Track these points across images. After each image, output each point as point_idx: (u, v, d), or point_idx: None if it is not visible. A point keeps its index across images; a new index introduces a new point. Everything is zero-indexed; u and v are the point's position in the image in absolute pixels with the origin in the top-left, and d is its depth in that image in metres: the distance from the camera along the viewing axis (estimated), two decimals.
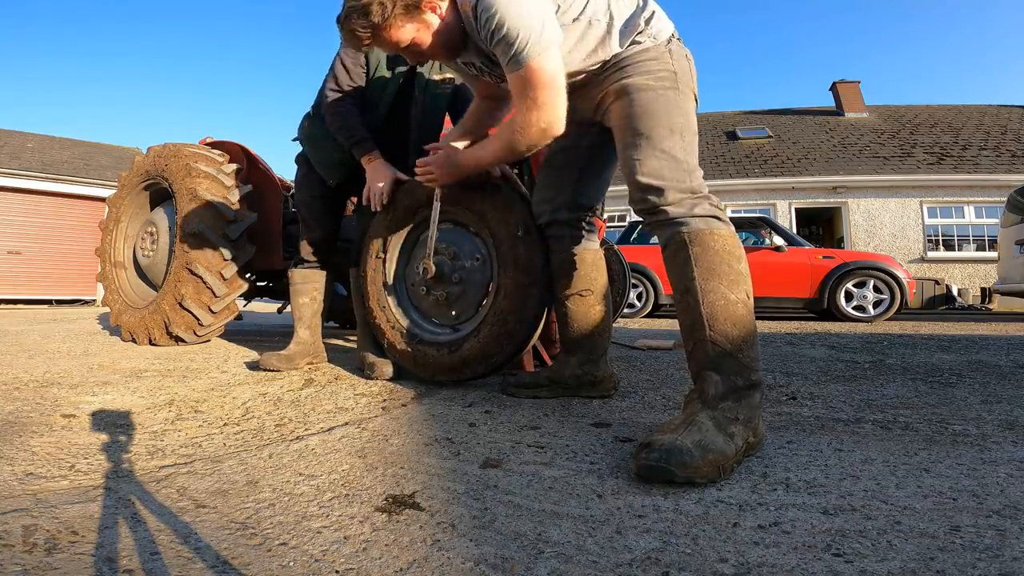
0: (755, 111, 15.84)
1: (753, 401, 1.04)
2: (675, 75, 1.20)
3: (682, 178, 1.14)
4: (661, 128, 1.16)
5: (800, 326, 4.35)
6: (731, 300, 1.08)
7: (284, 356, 2.03)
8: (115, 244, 3.17)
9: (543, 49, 1.09)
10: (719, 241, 1.11)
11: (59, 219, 11.52)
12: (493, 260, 1.64)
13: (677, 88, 1.19)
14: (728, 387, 1.03)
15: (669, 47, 1.22)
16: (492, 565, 0.66)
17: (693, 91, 1.24)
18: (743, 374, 1.05)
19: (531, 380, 1.59)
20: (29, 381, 1.85)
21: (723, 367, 1.05)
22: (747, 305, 1.10)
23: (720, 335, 1.06)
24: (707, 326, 1.07)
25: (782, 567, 0.64)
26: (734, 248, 1.13)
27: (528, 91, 1.14)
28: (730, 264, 1.10)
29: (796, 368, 2.06)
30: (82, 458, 1.09)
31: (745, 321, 1.08)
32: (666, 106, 1.17)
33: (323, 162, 1.98)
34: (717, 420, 0.99)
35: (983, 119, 13.18)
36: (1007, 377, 1.83)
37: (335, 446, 1.17)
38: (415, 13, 1.17)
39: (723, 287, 1.08)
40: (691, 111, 1.22)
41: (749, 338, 1.07)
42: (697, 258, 1.11)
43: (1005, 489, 0.86)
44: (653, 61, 1.20)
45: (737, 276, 1.10)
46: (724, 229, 1.13)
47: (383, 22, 1.16)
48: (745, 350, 1.06)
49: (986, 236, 10.86)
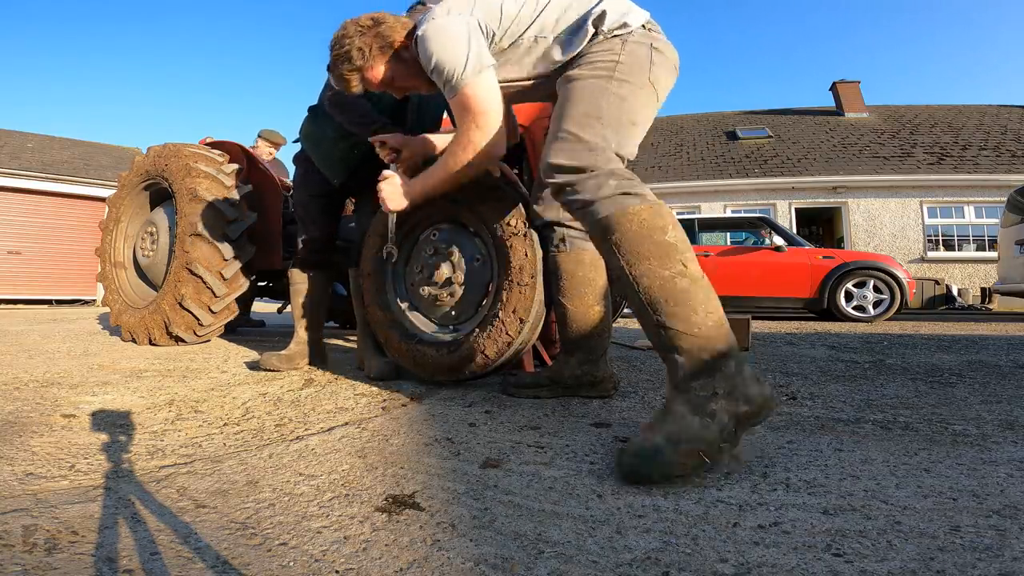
0: (755, 111, 15.84)
1: (728, 370, 0.97)
2: (615, 64, 1.18)
3: (585, 159, 1.10)
4: (576, 113, 1.15)
5: (800, 326, 4.35)
6: (666, 277, 1.01)
7: (284, 356, 2.04)
8: (115, 244, 3.18)
9: (472, 76, 1.19)
10: (634, 220, 1.05)
11: (59, 219, 11.52)
12: (493, 260, 1.64)
13: (612, 76, 1.17)
14: (695, 365, 0.98)
15: (627, 38, 1.21)
16: (492, 565, 0.66)
17: (649, 80, 1.20)
18: (707, 347, 0.98)
19: (531, 380, 1.59)
20: (29, 381, 1.85)
21: (682, 347, 0.99)
22: (686, 274, 1.02)
23: (667, 316, 1.00)
24: (651, 311, 1.02)
25: (782, 567, 0.64)
26: (654, 220, 1.05)
27: (465, 115, 1.25)
28: (653, 239, 1.04)
29: (796, 368, 2.06)
30: (82, 458, 1.09)
31: (688, 293, 1.01)
32: (590, 93, 1.16)
33: (325, 161, 1.97)
34: (692, 402, 0.95)
35: (983, 119, 13.18)
36: (1007, 377, 1.83)
37: (335, 446, 1.17)
38: (389, 52, 1.35)
39: (654, 266, 1.02)
40: (631, 97, 1.18)
41: (700, 307, 1.00)
42: (618, 245, 1.05)
43: (1005, 489, 0.86)
44: (598, 53, 1.20)
45: (666, 249, 1.03)
46: (636, 205, 1.06)
47: (364, 64, 1.34)
48: (698, 321, 0.99)
49: (986, 236, 10.86)
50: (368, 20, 1.35)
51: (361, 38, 1.32)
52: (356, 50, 1.32)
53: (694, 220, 6.71)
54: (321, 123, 1.93)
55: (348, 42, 1.32)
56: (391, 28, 1.34)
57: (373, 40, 1.33)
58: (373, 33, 1.33)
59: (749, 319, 2.66)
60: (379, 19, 1.36)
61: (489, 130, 1.25)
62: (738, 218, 8.85)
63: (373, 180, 1.99)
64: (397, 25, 1.35)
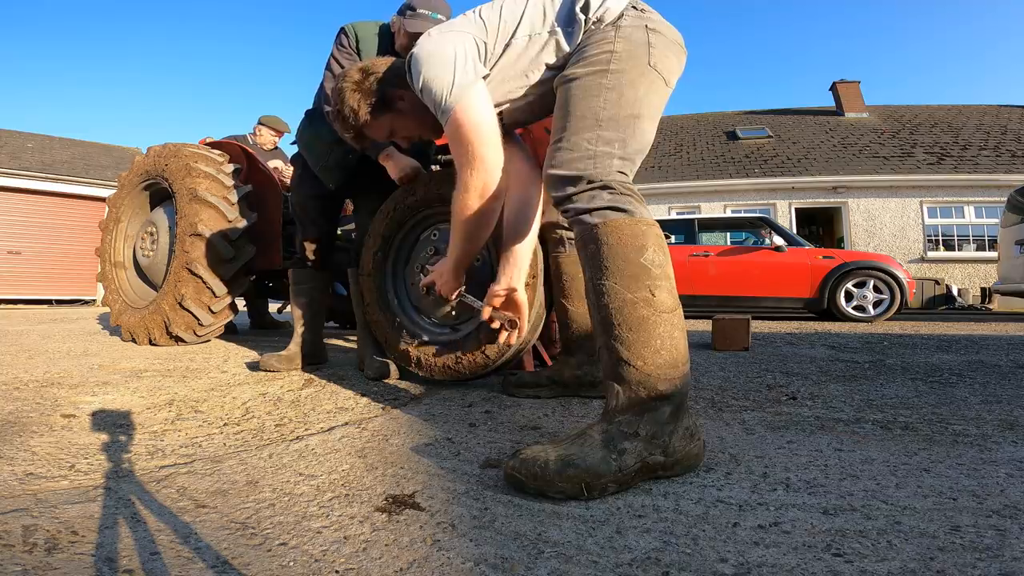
0: (755, 111, 15.84)
1: (660, 416, 0.92)
2: (610, 55, 1.09)
3: (583, 168, 1.04)
4: (573, 118, 1.08)
5: (800, 326, 4.35)
6: (627, 300, 0.95)
7: (284, 356, 2.03)
8: (115, 244, 3.17)
9: (463, 92, 1.08)
10: (613, 234, 0.98)
11: (59, 219, 11.52)
12: (493, 260, 1.64)
13: (607, 70, 1.08)
14: (628, 399, 0.93)
15: (618, 23, 1.12)
16: (492, 565, 0.66)
17: (649, 64, 1.11)
18: (647, 385, 0.92)
19: (531, 380, 1.59)
20: (29, 381, 1.85)
21: (624, 376, 0.94)
22: (651, 303, 0.95)
23: (619, 341, 0.95)
24: (604, 331, 0.97)
25: (782, 567, 0.64)
26: (632, 237, 0.98)
27: (458, 147, 1.11)
28: (627, 258, 0.97)
29: (796, 368, 2.06)
30: (82, 458, 1.09)
31: (646, 323, 0.94)
32: (585, 93, 1.09)
33: (320, 166, 1.97)
34: (609, 434, 0.91)
35: (983, 119, 13.18)
36: (1007, 377, 1.83)
37: (335, 446, 1.17)
38: (383, 108, 1.26)
39: (619, 285, 0.96)
40: (630, 87, 1.09)
41: (654, 341, 0.94)
42: (592, 256, 1.00)
43: (1005, 489, 0.86)
44: (591, 46, 1.11)
45: (637, 270, 0.96)
46: (621, 219, 1.00)
47: (358, 123, 1.26)
48: (646, 355, 0.93)
49: (986, 236, 10.86)
50: (357, 74, 1.26)
51: (352, 95, 1.24)
52: (349, 109, 1.25)
53: (694, 220, 6.70)
54: (317, 127, 1.92)
55: (342, 99, 1.25)
56: (380, 80, 1.25)
57: (363, 97, 1.24)
58: (363, 89, 1.24)
59: (749, 319, 2.66)
60: (368, 69, 1.26)
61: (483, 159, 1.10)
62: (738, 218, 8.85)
63: (370, 182, 1.99)
64: (389, 74, 1.25)
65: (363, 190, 2.06)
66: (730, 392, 1.66)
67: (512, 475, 0.90)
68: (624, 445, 0.90)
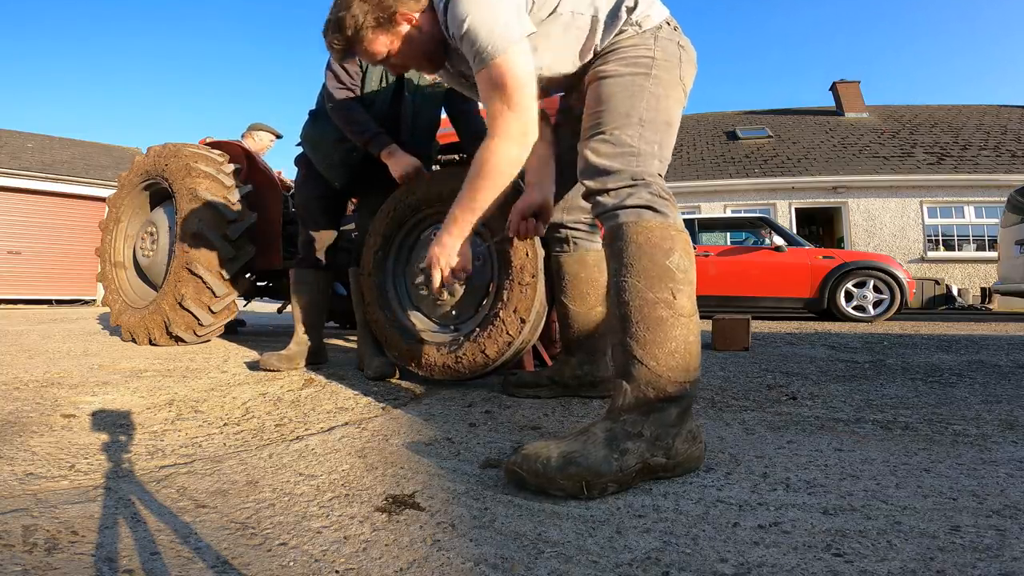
0: (755, 111, 15.83)
1: (666, 418, 0.93)
2: (652, 60, 1.12)
3: (627, 163, 1.05)
4: (617, 113, 1.09)
5: (800, 326, 4.34)
6: (648, 300, 0.96)
7: (284, 356, 2.03)
8: (115, 244, 3.17)
9: (509, 43, 1.01)
10: (643, 233, 0.99)
11: (59, 219, 11.51)
12: (494, 259, 1.64)
13: (649, 74, 1.12)
14: (636, 398, 0.94)
15: (657, 33, 1.15)
16: (492, 565, 0.66)
17: (679, 78, 1.15)
18: (656, 385, 0.93)
19: (531, 380, 1.59)
20: (29, 381, 1.84)
21: (635, 376, 0.95)
22: (672, 305, 0.96)
23: (634, 339, 0.96)
24: (622, 328, 0.98)
25: (782, 567, 0.64)
26: (662, 240, 0.99)
27: (496, 92, 1.05)
28: (653, 258, 0.98)
29: (796, 368, 2.06)
30: (82, 458, 1.09)
31: (664, 324, 0.95)
32: (629, 91, 1.10)
33: (325, 164, 1.98)
34: (612, 433, 0.92)
35: (983, 119, 13.18)
36: (1007, 377, 1.83)
37: (335, 446, 1.17)
38: (388, 26, 1.16)
39: (641, 284, 0.97)
40: (666, 97, 1.12)
41: (669, 343, 0.95)
42: (618, 253, 1.01)
43: (1005, 489, 0.86)
44: (631, 48, 1.14)
45: (662, 272, 0.97)
46: (653, 220, 1.01)
47: (355, 35, 1.17)
48: (660, 356, 0.94)
49: (986, 236, 10.86)
50: None
51: (359, 4, 1.14)
52: (350, 17, 1.14)
53: (694, 220, 6.70)
54: (321, 126, 1.93)
55: (344, 7, 1.16)
56: None
57: (371, 9, 1.15)
58: (374, 2, 1.14)
59: (749, 319, 2.66)
60: None
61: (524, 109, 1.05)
62: (738, 218, 8.85)
63: (374, 181, 2.00)
64: None
65: (366, 189, 2.06)
66: (730, 392, 1.66)
67: (513, 471, 0.90)
68: (627, 445, 0.90)
